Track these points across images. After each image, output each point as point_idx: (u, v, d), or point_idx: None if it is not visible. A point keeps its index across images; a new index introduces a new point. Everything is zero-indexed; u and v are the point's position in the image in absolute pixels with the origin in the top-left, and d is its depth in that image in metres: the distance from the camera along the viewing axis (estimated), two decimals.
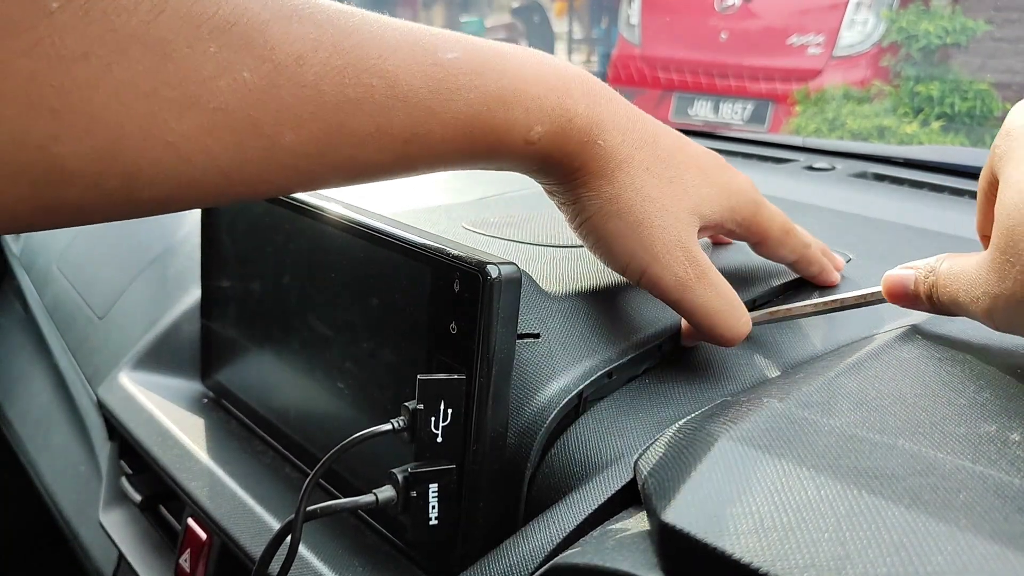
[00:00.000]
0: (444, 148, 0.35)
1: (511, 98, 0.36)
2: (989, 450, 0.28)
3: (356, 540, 0.45)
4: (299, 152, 0.31)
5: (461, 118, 0.34)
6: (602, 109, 0.38)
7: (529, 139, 0.37)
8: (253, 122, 0.29)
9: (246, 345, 0.56)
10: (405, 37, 0.33)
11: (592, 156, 0.38)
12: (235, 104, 0.28)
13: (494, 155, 0.37)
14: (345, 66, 0.31)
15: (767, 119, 3.29)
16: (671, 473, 0.29)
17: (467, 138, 0.35)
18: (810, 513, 0.25)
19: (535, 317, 0.42)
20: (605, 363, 0.41)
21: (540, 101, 0.36)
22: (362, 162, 0.33)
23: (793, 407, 0.31)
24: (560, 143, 0.38)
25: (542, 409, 0.39)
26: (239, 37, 0.28)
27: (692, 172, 0.41)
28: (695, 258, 0.39)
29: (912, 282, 0.38)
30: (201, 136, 0.28)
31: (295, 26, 0.30)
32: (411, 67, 0.33)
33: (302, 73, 0.30)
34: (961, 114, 2.83)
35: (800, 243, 0.46)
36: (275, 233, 0.51)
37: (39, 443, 0.90)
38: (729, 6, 3.42)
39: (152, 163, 0.28)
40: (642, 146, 0.39)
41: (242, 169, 0.30)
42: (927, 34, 3.09)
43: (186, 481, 0.53)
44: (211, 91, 0.28)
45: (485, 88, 0.35)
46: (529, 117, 0.36)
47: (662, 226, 0.39)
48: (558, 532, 0.34)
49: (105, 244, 0.89)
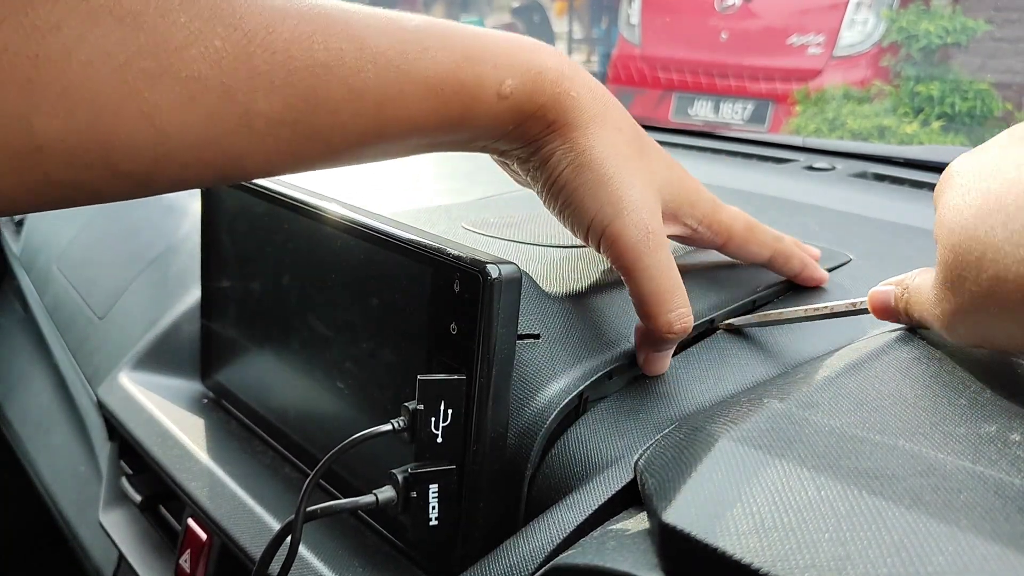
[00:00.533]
0: (417, 110, 0.35)
1: (478, 55, 0.36)
2: (990, 450, 0.28)
3: (356, 540, 0.45)
4: (274, 119, 0.31)
5: (431, 76, 0.35)
6: (572, 68, 0.39)
7: (501, 93, 0.37)
8: (226, 89, 0.30)
9: (246, 345, 0.56)
10: (366, 10, 0.34)
11: (565, 107, 0.39)
12: (207, 72, 0.29)
13: (468, 115, 0.37)
14: (314, 32, 0.32)
15: (767, 119, 3.29)
16: (671, 473, 0.29)
17: (439, 97, 0.36)
18: (811, 513, 0.25)
19: (535, 317, 0.42)
20: (605, 364, 0.41)
21: (509, 56, 0.37)
22: (338, 131, 0.34)
23: (793, 407, 0.31)
24: (532, 95, 0.38)
25: (542, 409, 0.39)
26: (208, 7, 0.29)
27: (655, 155, 0.42)
28: (656, 227, 0.39)
29: (893, 298, 0.38)
30: (175, 106, 0.29)
31: None
32: (379, 30, 0.34)
33: (272, 40, 0.30)
34: (961, 114, 2.83)
35: (769, 236, 0.46)
36: (275, 233, 0.51)
37: (39, 443, 0.90)
38: (729, 6, 3.42)
39: (129, 134, 0.28)
40: (612, 109, 0.40)
41: (219, 141, 0.30)
42: (927, 34, 3.09)
43: (186, 481, 0.53)
44: (183, 60, 0.28)
45: (452, 47, 0.36)
46: (499, 72, 0.37)
47: (631, 184, 0.39)
48: (558, 532, 0.34)
49: (105, 244, 0.89)
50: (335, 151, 0.35)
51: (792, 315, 0.43)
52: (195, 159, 0.30)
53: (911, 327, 0.39)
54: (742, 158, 0.93)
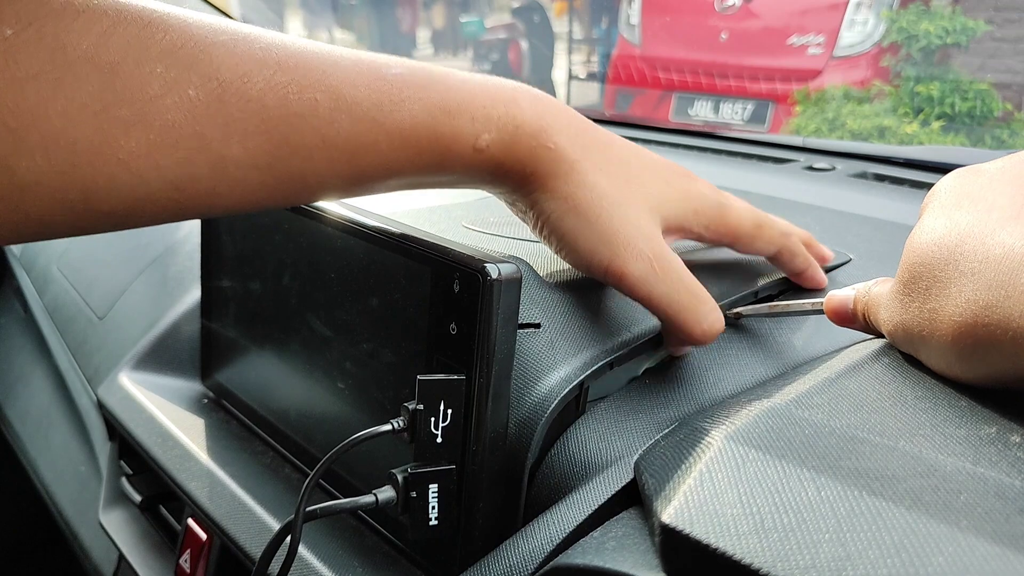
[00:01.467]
0: (392, 159, 0.35)
1: (455, 108, 0.36)
2: (990, 452, 0.28)
3: (356, 540, 0.45)
4: (247, 164, 0.32)
5: (406, 128, 0.35)
6: (551, 116, 0.39)
7: (478, 147, 0.37)
8: (200, 136, 0.30)
9: (246, 345, 0.56)
10: (348, 56, 0.34)
11: (543, 159, 0.39)
12: (182, 120, 0.30)
13: (444, 165, 0.37)
14: (289, 82, 0.32)
15: (767, 119, 3.30)
16: (671, 474, 0.29)
17: (414, 148, 0.36)
18: (811, 514, 0.25)
19: (537, 308, 0.42)
20: (606, 353, 0.41)
21: (486, 110, 0.37)
22: (313, 175, 0.34)
23: (794, 408, 0.31)
24: (509, 149, 0.38)
25: (543, 399, 0.39)
26: (185, 58, 0.30)
27: (648, 175, 0.41)
28: (658, 252, 0.39)
29: (852, 302, 0.39)
30: (150, 152, 0.30)
31: (241, 47, 0.31)
32: (355, 81, 0.34)
33: (247, 89, 0.31)
34: (961, 114, 2.83)
35: (777, 233, 0.45)
36: (275, 233, 0.51)
37: (39, 443, 0.90)
38: (729, 6, 3.42)
39: (107, 178, 0.29)
40: (593, 150, 0.40)
41: (194, 184, 0.31)
42: (927, 34, 3.10)
43: (186, 481, 0.53)
44: (158, 108, 0.29)
45: (429, 100, 0.36)
46: (476, 126, 0.37)
47: (622, 218, 0.39)
48: (558, 532, 0.34)
49: (105, 245, 0.89)
50: (311, 191, 0.35)
51: (799, 307, 0.43)
52: (172, 200, 0.31)
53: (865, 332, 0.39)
54: (742, 158, 0.93)
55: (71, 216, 0.30)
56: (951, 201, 0.33)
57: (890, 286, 0.36)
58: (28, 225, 0.29)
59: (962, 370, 0.31)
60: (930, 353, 0.33)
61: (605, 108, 3.75)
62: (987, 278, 0.29)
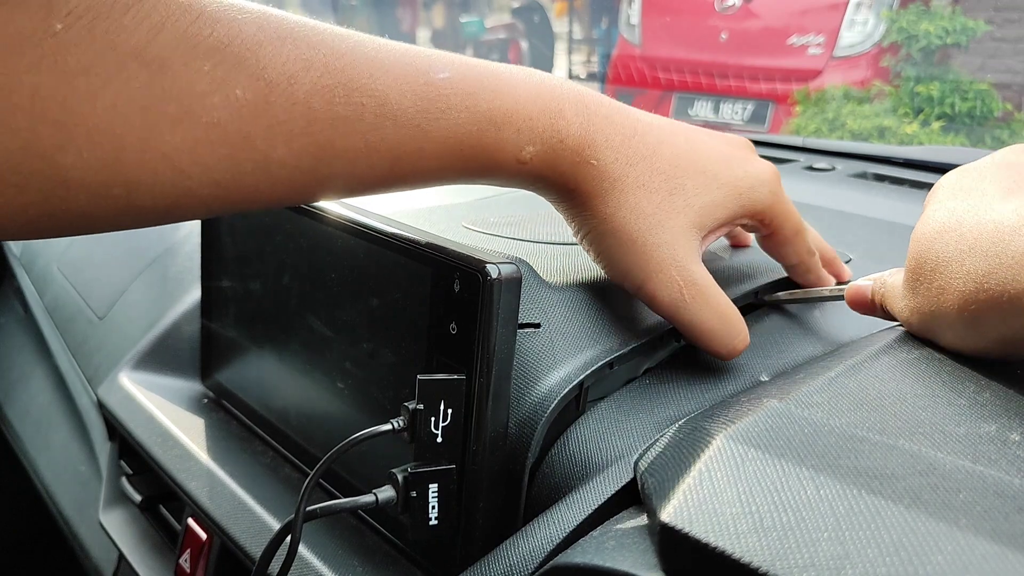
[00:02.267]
0: (434, 166, 0.35)
1: (502, 119, 0.36)
2: (989, 450, 0.28)
3: (356, 540, 0.45)
4: (291, 166, 0.32)
5: (451, 137, 0.35)
6: (596, 129, 0.38)
7: (521, 159, 0.37)
8: (245, 136, 0.30)
9: (246, 345, 0.56)
10: (398, 58, 0.34)
11: (585, 177, 0.38)
12: (228, 119, 0.30)
13: (486, 174, 0.37)
14: (336, 85, 0.32)
15: (767, 119, 3.30)
16: (671, 473, 0.29)
17: (457, 157, 0.36)
18: (810, 513, 0.25)
19: (536, 308, 0.42)
20: (606, 353, 0.41)
21: (532, 122, 0.37)
22: (354, 177, 0.34)
23: (793, 407, 0.31)
24: (552, 163, 0.38)
25: (543, 399, 0.39)
26: (232, 56, 0.30)
27: (696, 179, 0.40)
28: (690, 277, 0.39)
29: (870, 292, 0.40)
30: (196, 149, 0.30)
31: (288, 47, 0.31)
32: (402, 87, 0.33)
33: (293, 91, 0.31)
34: (961, 114, 2.83)
35: (806, 248, 0.46)
36: (275, 233, 0.51)
37: (39, 443, 0.90)
38: (729, 6, 3.43)
39: (151, 174, 0.29)
40: (638, 162, 0.39)
41: (237, 181, 0.31)
42: (927, 34, 3.10)
43: (186, 481, 0.53)
44: (205, 106, 0.29)
45: (476, 108, 0.35)
46: (520, 138, 0.37)
47: (656, 244, 0.39)
48: (558, 532, 0.34)
49: (105, 245, 0.89)
50: (349, 193, 0.35)
51: (820, 294, 0.45)
52: (213, 196, 0.31)
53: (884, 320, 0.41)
54: None
55: (113, 211, 0.30)
56: (947, 193, 0.37)
57: (901, 276, 0.38)
58: (69, 218, 0.29)
59: (972, 340, 0.34)
60: (942, 330, 0.35)
61: None
62: (983, 249, 0.32)
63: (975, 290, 0.32)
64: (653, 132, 0.40)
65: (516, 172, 0.38)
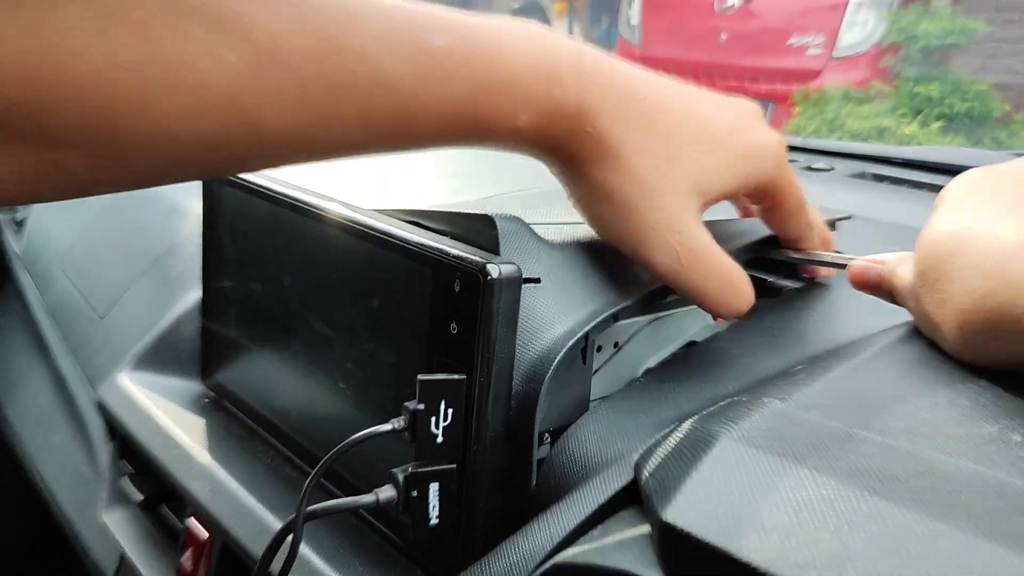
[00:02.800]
0: (429, 130, 0.35)
1: (497, 87, 0.36)
2: (990, 451, 0.28)
3: (357, 540, 0.45)
4: (284, 133, 0.32)
5: (446, 104, 0.35)
6: (593, 95, 0.38)
7: (515, 126, 0.37)
8: (236, 102, 0.30)
9: (247, 345, 0.56)
10: (392, 21, 0.33)
11: (582, 143, 0.38)
12: (217, 83, 0.29)
13: (481, 139, 0.37)
14: (328, 52, 0.31)
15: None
16: (672, 473, 0.29)
17: (452, 123, 0.35)
18: (810, 513, 0.25)
19: (536, 264, 0.42)
20: (609, 305, 0.41)
21: (528, 90, 0.36)
22: (349, 145, 0.34)
23: (794, 407, 0.31)
24: (547, 131, 0.38)
25: (547, 352, 0.39)
26: (219, 19, 0.29)
27: (697, 146, 0.40)
28: (688, 242, 0.39)
29: (875, 275, 0.41)
30: (186, 114, 0.29)
31: (278, 9, 0.31)
32: (396, 53, 0.33)
33: (285, 58, 0.31)
34: (960, 114, 2.83)
35: (806, 222, 0.45)
36: (276, 233, 0.51)
37: (39, 443, 0.90)
38: (729, 7, 3.43)
39: (141, 137, 0.29)
40: (636, 128, 0.39)
41: (229, 145, 0.31)
42: (927, 35, 3.10)
43: (187, 481, 0.53)
44: (194, 71, 0.29)
45: (471, 76, 0.35)
46: (515, 105, 0.36)
47: (653, 209, 0.39)
48: (559, 531, 0.34)
49: (107, 244, 0.89)
50: (345, 155, 0.35)
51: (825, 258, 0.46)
52: (207, 160, 0.31)
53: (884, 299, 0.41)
54: None
55: (107, 173, 0.30)
56: (958, 200, 0.36)
57: (911, 269, 0.37)
58: (59, 178, 0.29)
59: (971, 356, 0.34)
60: (944, 340, 0.35)
61: None
62: (985, 268, 0.31)
63: (973, 308, 0.32)
64: (655, 96, 0.40)
65: (510, 138, 0.37)
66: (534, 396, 0.38)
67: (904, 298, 0.39)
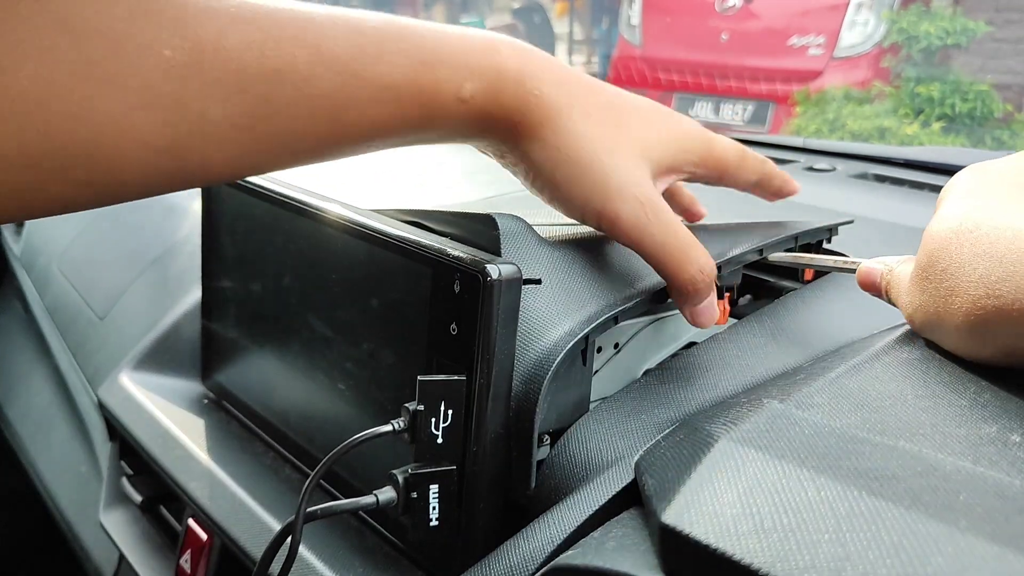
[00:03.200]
0: (375, 114, 0.35)
1: (434, 59, 0.36)
2: (990, 451, 0.28)
3: (357, 541, 0.45)
4: (228, 124, 0.31)
5: (387, 81, 0.35)
6: (533, 63, 0.39)
7: (461, 97, 0.37)
8: (178, 98, 0.30)
9: (247, 346, 0.56)
10: (325, 12, 0.34)
11: (530, 107, 0.39)
12: (158, 80, 0.29)
13: (430, 118, 0.37)
14: (266, 39, 0.32)
15: (768, 120, 3.30)
16: (671, 474, 0.29)
17: (396, 102, 0.35)
18: (810, 514, 0.25)
19: (537, 264, 0.42)
20: (610, 307, 0.41)
21: (466, 57, 0.37)
22: (295, 136, 0.34)
23: (793, 408, 0.31)
24: (495, 98, 0.38)
25: (547, 353, 0.39)
26: (157, 16, 0.29)
27: (636, 120, 0.41)
28: (649, 196, 0.40)
29: (879, 276, 0.40)
30: (128, 114, 0.29)
31: (214, 4, 0.31)
32: (333, 35, 0.33)
33: (223, 47, 0.31)
34: (962, 115, 2.83)
35: (758, 161, 0.47)
36: (275, 234, 0.51)
37: (39, 444, 0.90)
38: (730, 7, 3.43)
39: (84, 142, 0.28)
40: (580, 96, 0.40)
41: (177, 146, 0.31)
42: (928, 35, 3.10)
43: (187, 482, 0.53)
44: (134, 69, 0.29)
45: (408, 52, 0.35)
46: (457, 74, 0.37)
47: (613, 165, 0.39)
48: (559, 533, 0.34)
49: (106, 245, 0.89)
50: (297, 153, 0.35)
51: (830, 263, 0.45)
52: (154, 165, 0.31)
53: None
54: None
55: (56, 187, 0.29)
56: (965, 191, 0.36)
57: (910, 268, 0.37)
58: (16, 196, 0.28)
59: (975, 347, 0.33)
60: (946, 333, 0.35)
61: None
62: (998, 255, 0.31)
63: (985, 295, 0.31)
64: (587, 77, 0.41)
65: (458, 114, 0.37)
66: (534, 397, 0.38)
67: (899, 296, 0.38)
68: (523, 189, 0.43)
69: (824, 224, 0.51)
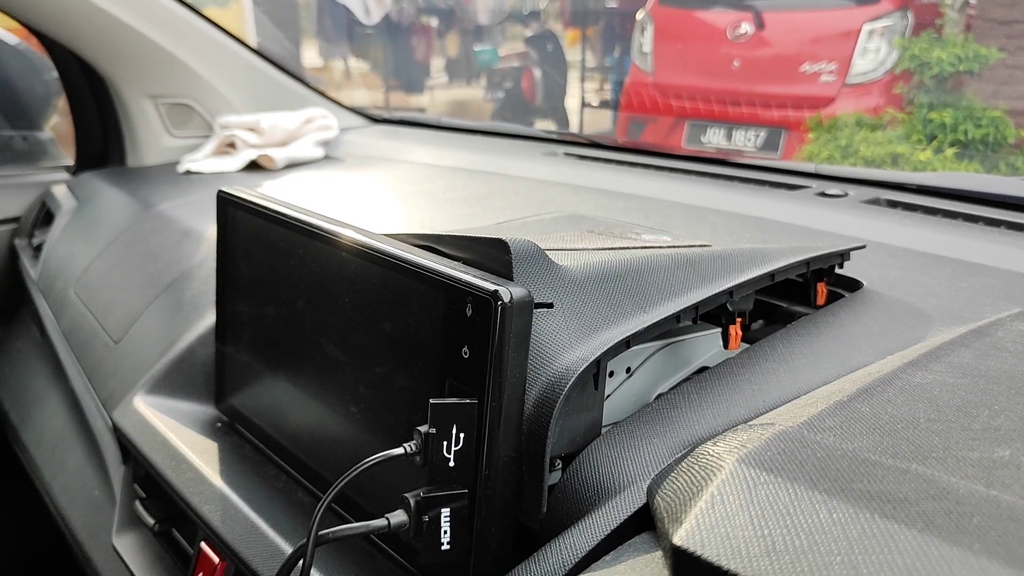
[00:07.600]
0: None
1: None
2: (1003, 475, 0.28)
3: (368, 564, 0.45)
4: None
5: None
6: None
7: None
8: None
9: (260, 369, 0.56)
10: None
11: None
12: None
13: None
14: None
15: (780, 146, 3.30)
16: (683, 496, 0.29)
17: None
18: (822, 536, 0.25)
19: (550, 288, 0.42)
20: (622, 332, 0.41)
21: None
22: None
23: (805, 431, 0.31)
24: None
25: (560, 376, 0.39)
26: None
27: None
28: None
29: None
30: None
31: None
32: None
33: None
34: (975, 141, 2.82)
35: None
36: (289, 258, 0.51)
37: (53, 467, 0.90)
38: (741, 34, 3.44)
39: None
40: None
41: None
42: (940, 62, 3.10)
43: (199, 505, 0.53)
44: None
45: None
46: None
47: None
48: (571, 557, 0.34)
49: (122, 269, 0.90)
50: None
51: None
52: None
53: None
54: (755, 185, 0.93)
55: None
56: None
57: None
58: None
59: None
60: None
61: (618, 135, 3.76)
62: None
63: None
64: None
65: None
66: (545, 421, 0.38)
67: None
68: (534, 215, 0.43)
69: (836, 249, 0.51)
